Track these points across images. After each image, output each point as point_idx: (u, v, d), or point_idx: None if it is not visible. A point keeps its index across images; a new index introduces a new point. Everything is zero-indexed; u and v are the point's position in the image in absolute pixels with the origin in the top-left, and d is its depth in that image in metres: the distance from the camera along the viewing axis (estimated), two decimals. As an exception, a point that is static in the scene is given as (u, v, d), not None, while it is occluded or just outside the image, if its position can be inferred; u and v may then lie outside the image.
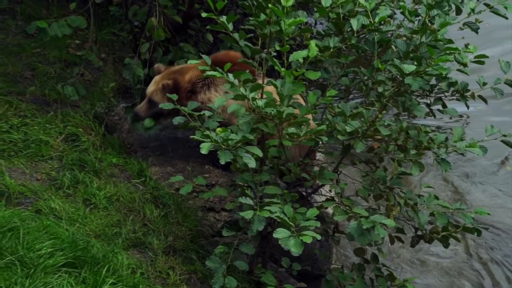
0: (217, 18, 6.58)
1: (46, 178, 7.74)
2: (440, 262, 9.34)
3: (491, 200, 10.42)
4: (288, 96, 6.21)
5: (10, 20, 10.43)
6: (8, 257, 6.24)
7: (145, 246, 7.28)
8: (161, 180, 8.36)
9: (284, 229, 5.89)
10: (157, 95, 8.53)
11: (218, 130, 6.17)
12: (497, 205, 10.27)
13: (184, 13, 10.20)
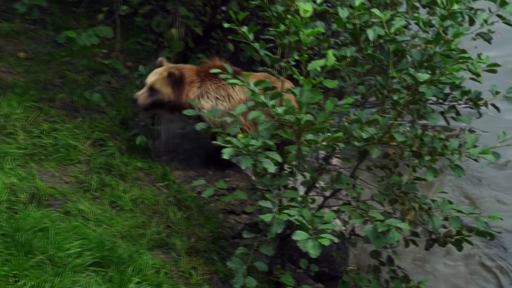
0: (239, 29, 6.60)
1: (75, 181, 7.79)
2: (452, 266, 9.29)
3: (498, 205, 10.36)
4: (307, 103, 6.21)
5: (41, 30, 10.51)
6: (39, 256, 6.30)
7: (169, 247, 7.30)
8: (184, 183, 8.38)
9: (302, 232, 5.92)
10: (160, 83, 8.49)
11: (239, 136, 6.19)
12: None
13: (206, 23, 10.24)
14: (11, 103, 8.52)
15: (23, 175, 7.44)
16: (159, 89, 8.46)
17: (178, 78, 8.46)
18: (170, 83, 8.45)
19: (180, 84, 8.46)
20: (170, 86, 8.45)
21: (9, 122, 8.25)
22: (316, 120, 6.25)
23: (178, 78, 8.46)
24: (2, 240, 6.42)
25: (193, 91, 8.50)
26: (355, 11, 6.69)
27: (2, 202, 6.88)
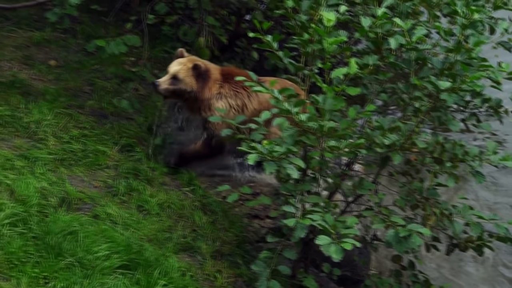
0: (263, 38, 6.62)
1: (103, 185, 7.83)
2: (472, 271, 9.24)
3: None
4: (330, 110, 6.21)
5: (71, 38, 10.58)
6: (68, 259, 6.34)
7: (194, 250, 7.32)
8: (209, 188, 8.40)
9: (325, 236, 5.93)
10: (184, 73, 8.40)
11: (264, 143, 6.22)
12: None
13: (232, 32, 10.26)
14: (42, 109, 8.59)
15: (54, 180, 7.49)
16: (183, 79, 8.38)
17: (203, 72, 8.43)
18: (194, 75, 8.39)
19: (205, 78, 8.43)
20: (194, 78, 8.39)
21: (40, 128, 8.31)
22: (339, 127, 6.25)
23: (204, 71, 8.43)
24: (33, 242, 6.47)
25: (215, 88, 8.50)
26: (377, 20, 6.69)
27: (33, 206, 6.94)
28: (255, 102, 8.50)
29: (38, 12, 11.02)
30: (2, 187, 7.10)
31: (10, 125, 8.24)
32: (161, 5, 9.97)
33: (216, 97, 8.48)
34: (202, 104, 8.45)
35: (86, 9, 10.59)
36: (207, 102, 8.43)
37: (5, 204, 6.80)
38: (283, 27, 9.73)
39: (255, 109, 8.41)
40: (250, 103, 8.50)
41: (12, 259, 6.24)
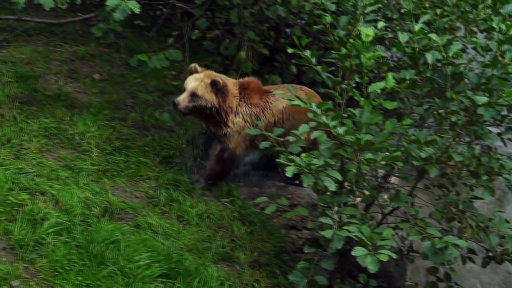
0: (302, 53, 6.61)
1: (144, 196, 7.85)
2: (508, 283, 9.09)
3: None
4: (367, 124, 6.18)
5: (114, 53, 10.66)
6: (110, 267, 6.38)
7: (233, 260, 7.31)
8: (248, 199, 8.37)
9: (361, 248, 5.91)
10: (202, 89, 8.18)
11: (302, 156, 6.21)
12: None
13: (271, 47, 10.25)
14: (86, 121, 8.66)
15: (97, 190, 7.54)
16: (202, 95, 8.19)
17: (222, 87, 8.24)
18: (213, 90, 8.21)
19: (224, 93, 8.25)
20: (214, 93, 8.21)
21: (84, 140, 8.38)
22: (375, 140, 6.21)
23: (222, 86, 8.25)
24: (77, 251, 6.51)
25: (234, 103, 8.36)
26: (414, 35, 6.66)
27: (76, 215, 6.99)
28: (269, 114, 8.42)
29: (83, 27, 11.14)
30: (47, 197, 7.17)
31: (55, 136, 8.31)
32: (202, 21, 10.00)
33: (234, 112, 8.38)
34: (222, 119, 8.32)
35: (129, 24, 10.69)
36: (226, 117, 8.32)
37: (50, 214, 6.86)
38: (321, 42, 9.74)
39: (269, 122, 8.38)
40: (264, 117, 8.41)
41: (56, 267, 6.30)
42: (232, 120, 8.34)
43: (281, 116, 8.40)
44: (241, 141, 8.39)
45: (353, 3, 6.83)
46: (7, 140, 7.92)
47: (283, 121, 8.37)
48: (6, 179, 7.16)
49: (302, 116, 8.06)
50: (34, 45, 10.36)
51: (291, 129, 7.95)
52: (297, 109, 8.04)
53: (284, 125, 8.27)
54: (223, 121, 8.32)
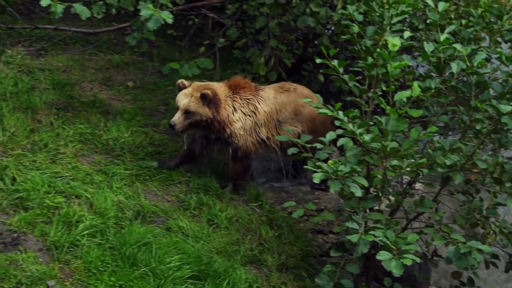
0: (330, 63, 6.60)
1: (176, 200, 7.88)
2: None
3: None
4: (392, 131, 6.16)
5: (148, 61, 10.72)
6: (142, 268, 6.41)
7: (261, 263, 7.31)
8: (276, 204, 8.38)
9: (386, 252, 5.91)
10: (194, 105, 8.07)
11: (329, 162, 6.21)
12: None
13: (299, 56, 10.25)
14: (120, 127, 8.70)
15: (130, 194, 7.58)
16: (196, 111, 8.08)
17: (212, 97, 8.13)
18: (205, 103, 8.10)
19: (216, 102, 8.15)
20: (206, 106, 8.10)
21: (118, 145, 8.43)
22: (401, 147, 6.20)
23: (213, 97, 8.13)
24: (110, 253, 6.55)
25: (229, 104, 8.29)
26: (440, 45, 6.64)
27: (110, 218, 7.03)
28: (264, 104, 8.38)
29: (117, 36, 11.21)
30: (82, 200, 7.21)
31: (90, 142, 8.36)
32: (232, 30, 10.04)
33: (232, 111, 8.30)
34: (222, 124, 8.23)
35: (162, 33, 10.73)
36: (228, 121, 8.25)
37: (85, 216, 6.90)
38: (348, 51, 9.71)
39: (265, 111, 8.35)
40: (261, 106, 8.35)
41: (91, 268, 6.34)
42: (232, 120, 8.26)
43: (274, 108, 8.40)
44: (248, 136, 8.34)
45: (380, 13, 6.82)
46: (44, 145, 7.98)
47: (277, 112, 8.39)
48: (43, 182, 7.21)
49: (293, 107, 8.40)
50: (71, 53, 10.44)
51: (285, 120, 8.36)
52: (288, 100, 8.42)
53: (278, 116, 8.38)
54: (223, 125, 8.24)
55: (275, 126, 8.38)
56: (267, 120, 8.35)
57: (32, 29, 10.56)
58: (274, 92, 8.45)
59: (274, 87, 8.55)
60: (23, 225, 6.67)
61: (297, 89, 8.55)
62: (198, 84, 8.31)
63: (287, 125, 8.36)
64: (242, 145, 8.31)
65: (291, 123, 8.38)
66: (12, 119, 8.17)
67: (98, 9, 8.58)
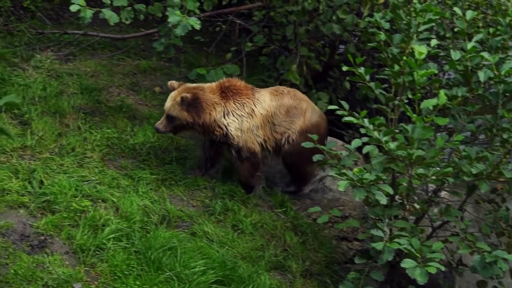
0: (356, 70, 6.60)
1: (201, 205, 7.90)
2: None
3: None
4: (418, 139, 6.14)
5: (174, 67, 10.76)
6: (167, 273, 6.44)
7: (285, 269, 7.32)
8: (300, 210, 8.38)
9: (411, 260, 5.89)
10: (174, 109, 8.07)
11: (354, 170, 6.20)
12: None
13: (325, 63, 10.26)
14: (146, 132, 8.74)
15: (155, 198, 7.61)
16: (176, 115, 8.07)
17: (191, 101, 8.05)
18: (184, 107, 8.05)
19: (196, 106, 8.05)
20: (185, 110, 8.05)
21: (144, 150, 8.47)
22: (427, 155, 6.17)
23: (191, 101, 8.06)
24: (135, 256, 6.58)
25: (217, 110, 8.15)
26: (467, 54, 6.61)
27: (136, 222, 7.07)
28: (261, 107, 8.25)
29: (145, 42, 11.27)
30: (108, 204, 7.26)
31: (117, 146, 8.41)
32: (259, 37, 10.07)
33: (223, 115, 8.16)
34: (208, 127, 8.15)
35: (189, 39, 10.77)
36: (215, 124, 8.13)
37: (111, 220, 6.95)
38: (375, 59, 9.69)
39: (262, 114, 8.25)
40: (257, 109, 8.23)
41: (116, 272, 6.38)
42: (222, 122, 8.15)
43: (270, 110, 8.30)
44: (248, 136, 8.20)
45: (407, 21, 6.81)
46: (71, 149, 8.04)
47: (272, 116, 8.29)
48: (70, 186, 7.27)
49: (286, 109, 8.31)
50: (99, 58, 10.51)
51: (279, 123, 8.28)
52: (282, 103, 8.31)
53: (273, 119, 8.29)
54: (212, 129, 8.16)
55: (270, 129, 8.32)
56: (263, 123, 8.28)
57: (61, 34, 10.65)
58: (270, 95, 8.36)
59: (270, 90, 8.47)
60: (50, 228, 6.73)
61: (291, 92, 8.46)
62: (185, 86, 8.29)
63: (281, 128, 8.30)
64: (243, 145, 8.19)
65: (284, 126, 8.31)
66: (41, 123, 8.25)
67: (126, 14, 8.65)
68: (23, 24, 10.47)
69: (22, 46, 9.96)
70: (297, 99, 8.38)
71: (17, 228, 6.69)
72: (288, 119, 8.32)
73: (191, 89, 8.20)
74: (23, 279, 6.05)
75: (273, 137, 8.32)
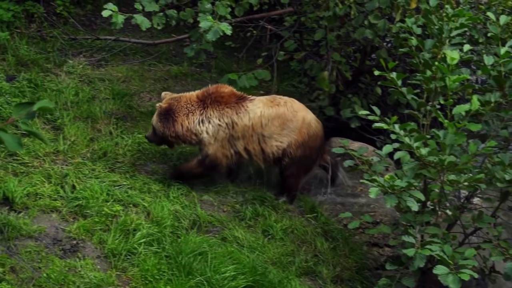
0: (388, 75, 6.57)
1: (231, 210, 7.92)
2: None
3: None
4: (450, 145, 6.11)
5: (205, 72, 10.80)
6: (198, 278, 6.46)
7: (316, 274, 7.31)
8: (331, 216, 8.35)
9: (443, 266, 5.84)
10: (154, 120, 8.05)
11: (386, 177, 6.18)
12: None
13: (356, 68, 10.23)
14: (178, 137, 8.77)
15: (186, 203, 7.65)
16: (155, 126, 8.06)
17: (163, 112, 8.00)
18: (159, 119, 8.00)
19: (167, 116, 7.97)
20: (160, 121, 7.99)
21: (175, 155, 8.52)
22: (459, 161, 6.13)
23: (164, 111, 8.00)
24: (166, 261, 6.62)
25: (191, 119, 8.00)
26: (500, 59, 6.55)
27: (166, 227, 7.10)
28: (246, 118, 8.03)
29: (176, 47, 11.33)
30: (139, 209, 7.30)
31: (148, 151, 8.46)
32: (290, 42, 10.06)
33: (199, 122, 7.99)
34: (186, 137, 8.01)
35: (220, 45, 10.81)
36: (190, 132, 7.98)
37: (142, 225, 6.99)
38: (406, 64, 9.64)
39: (246, 125, 8.02)
40: (240, 120, 8.02)
41: (147, 276, 6.42)
42: (197, 131, 7.99)
43: (259, 121, 8.05)
44: (220, 146, 8.04)
45: (439, 26, 6.78)
46: (103, 154, 8.11)
47: (262, 127, 8.06)
48: (102, 191, 7.33)
49: (280, 121, 8.09)
50: (130, 64, 10.59)
51: (270, 135, 8.05)
52: (276, 115, 8.06)
53: (263, 130, 8.07)
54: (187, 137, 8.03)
55: (258, 139, 8.08)
56: (247, 134, 8.03)
57: (93, 40, 10.75)
58: (262, 105, 8.12)
59: (264, 101, 8.21)
60: (82, 232, 6.79)
61: (288, 103, 8.22)
62: (169, 96, 8.20)
63: (272, 140, 8.10)
64: (212, 154, 8.02)
65: (276, 139, 8.11)
66: (73, 128, 8.33)
67: (158, 20, 8.70)
68: (56, 30, 10.59)
69: (55, 52, 10.06)
70: (294, 111, 8.17)
71: (50, 232, 6.76)
72: (283, 132, 8.14)
73: (169, 99, 8.12)
74: (56, 283, 6.11)
75: (260, 148, 8.11)
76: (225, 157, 8.06)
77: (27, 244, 6.50)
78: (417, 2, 8.04)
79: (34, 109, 3.19)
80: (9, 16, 10.05)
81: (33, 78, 9.09)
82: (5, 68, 9.26)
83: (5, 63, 9.43)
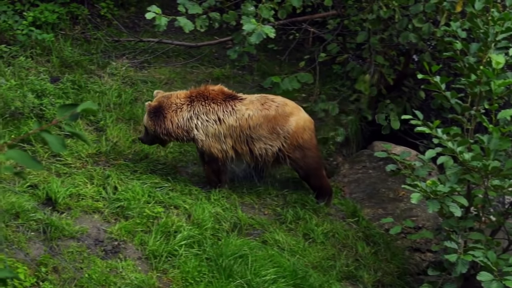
0: (432, 79, 6.55)
1: (272, 213, 7.94)
2: None
3: None
4: (495, 150, 6.06)
5: (247, 75, 10.83)
6: (238, 280, 6.49)
7: (356, 279, 7.29)
8: (373, 220, 8.33)
9: (487, 273, 5.80)
10: (145, 120, 8.05)
11: (428, 182, 6.15)
12: None
13: (399, 71, 10.19)
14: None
15: (227, 206, 7.68)
16: (146, 125, 8.06)
17: (153, 110, 7.99)
18: (150, 117, 7.98)
19: (157, 114, 7.96)
20: (151, 119, 7.98)
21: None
22: (503, 167, 6.08)
23: (153, 109, 7.99)
24: (207, 263, 6.66)
25: (180, 115, 7.96)
26: (546, 63, 6.50)
27: (207, 229, 7.15)
28: (232, 118, 7.95)
29: (219, 50, 11.39)
30: (180, 211, 7.37)
31: (189, 153, 8.54)
32: (332, 45, 10.06)
33: (189, 118, 7.94)
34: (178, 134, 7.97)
35: (263, 48, 10.84)
36: (181, 129, 7.95)
37: (183, 227, 7.05)
38: (450, 68, 9.59)
39: (233, 125, 7.93)
40: (227, 118, 7.95)
41: (188, 278, 6.47)
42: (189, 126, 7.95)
43: (245, 123, 7.96)
44: (212, 142, 7.96)
45: (484, 30, 6.72)
46: (145, 156, 8.20)
47: (250, 128, 7.96)
48: (143, 192, 7.41)
49: (270, 126, 7.97)
50: (173, 66, 10.67)
51: (259, 137, 7.95)
52: (266, 119, 7.94)
53: (251, 132, 7.97)
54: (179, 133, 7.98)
55: (246, 140, 7.98)
56: (234, 133, 7.95)
57: (136, 42, 10.86)
58: (253, 107, 8.03)
59: (256, 103, 8.08)
60: (124, 233, 6.87)
61: (279, 107, 8.08)
62: (159, 95, 8.19)
63: (260, 143, 8.01)
64: (206, 150, 7.97)
65: (265, 142, 8.01)
66: (115, 130, 8.43)
67: (201, 22, 8.78)
68: (100, 32, 10.72)
69: (98, 54, 10.20)
70: (286, 115, 8.04)
71: (92, 233, 6.86)
72: (272, 136, 8.03)
73: (159, 97, 8.13)
74: (97, 283, 6.20)
75: (248, 149, 8.02)
76: (220, 152, 8.00)
77: (69, 245, 6.61)
78: (462, 5, 7.98)
79: (78, 111, 3.23)
80: (54, 18, 10.21)
81: (77, 79, 9.22)
82: (49, 70, 9.41)
83: (50, 64, 9.58)
